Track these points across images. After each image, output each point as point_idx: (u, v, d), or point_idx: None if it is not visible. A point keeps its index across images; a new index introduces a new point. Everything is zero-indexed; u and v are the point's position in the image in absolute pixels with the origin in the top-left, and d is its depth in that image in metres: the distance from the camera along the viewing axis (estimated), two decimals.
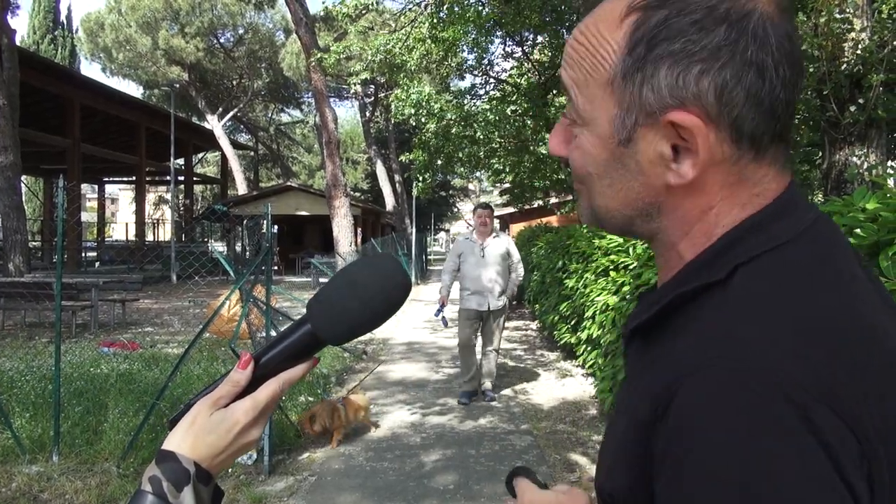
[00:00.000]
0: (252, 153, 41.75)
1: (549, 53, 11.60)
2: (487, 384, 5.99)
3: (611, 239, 5.61)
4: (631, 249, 4.95)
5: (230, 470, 3.97)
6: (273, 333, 4.75)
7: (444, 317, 6.26)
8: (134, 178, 26.71)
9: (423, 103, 10.23)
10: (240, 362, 0.67)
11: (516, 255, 6.01)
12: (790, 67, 0.52)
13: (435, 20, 9.65)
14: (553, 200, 15.21)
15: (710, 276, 0.52)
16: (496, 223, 5.82)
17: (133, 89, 48.00)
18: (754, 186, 0.55)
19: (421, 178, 11.99)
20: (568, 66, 0.59)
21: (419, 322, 11.41)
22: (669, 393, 0.47)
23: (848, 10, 4.95)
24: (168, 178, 25.16)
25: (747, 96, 0.51)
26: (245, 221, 22.66)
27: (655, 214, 0.57)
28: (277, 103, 38.70)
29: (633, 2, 0.53)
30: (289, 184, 27.19)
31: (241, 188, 30.93)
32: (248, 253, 22.32)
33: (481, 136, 10.82)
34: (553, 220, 17.15)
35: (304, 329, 0.67)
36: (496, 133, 10.79)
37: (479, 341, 6.03)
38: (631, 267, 4.81)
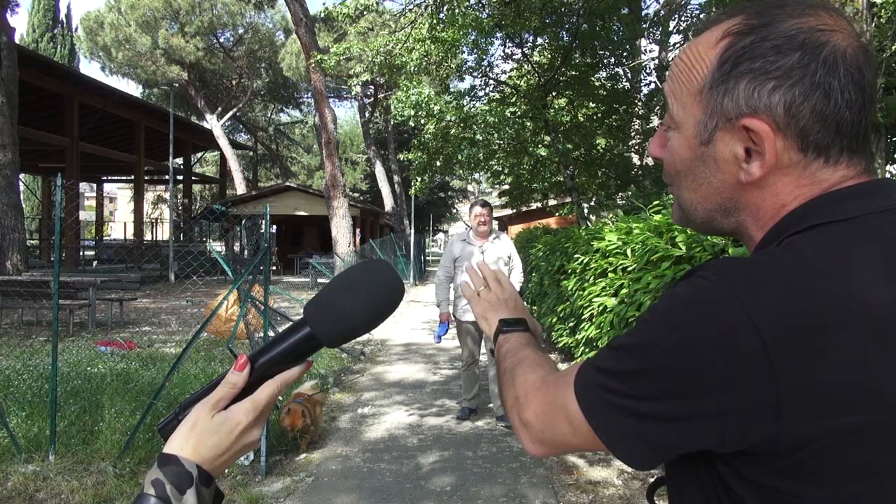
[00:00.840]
0: (251, 153, 41.71)
1: (549, 56, 11.60)
2: (500, 409, 5.22)
3: (609, 241, 5.58)
4: (629, 252, 4.94)
5: (227, 470, 3.96)
6: (271, 334, 4.75)
7: (446, 331, 5.45)
8: (132, 177, 26.68)
9: (423, 104, 10.23)
10: (236, 364, 0.68)
11: (518, 260, 5.50)
12: (857, 92, 0.61)
13: (434, 21, 9.64)
14: (552, 202, 15.22)
15: (766, 246, 0.63)
16: (494, 224, 5.41)
17: (132, 88, 47.99)
18: (829, 188, 0.63)
19: (419, 179, 11.98)
20: (670, 79, 0.71)
21: (417, 323, 11.41)
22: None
23: (847, 15, 4.96)
24: (167, 177, 25.15)
25: (812, 112, 0.60)
26: (243, 221, 22.66)
27: (733, 210, 0.68)
28: (277, 103, 38.66)
29: (729, 29, 0.65)
30: (288, 184, 27.15)
31: (240, 188, 30.89)
32: (246, 253, 22.30)
33: (480, 138, 10.80)
34: (552, 222, 17.16)
35: (304, 332, 0.68)
36: (495, 135, 10.78)
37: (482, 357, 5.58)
38: (629, 269, 4.80)
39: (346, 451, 4.54)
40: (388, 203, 30.34)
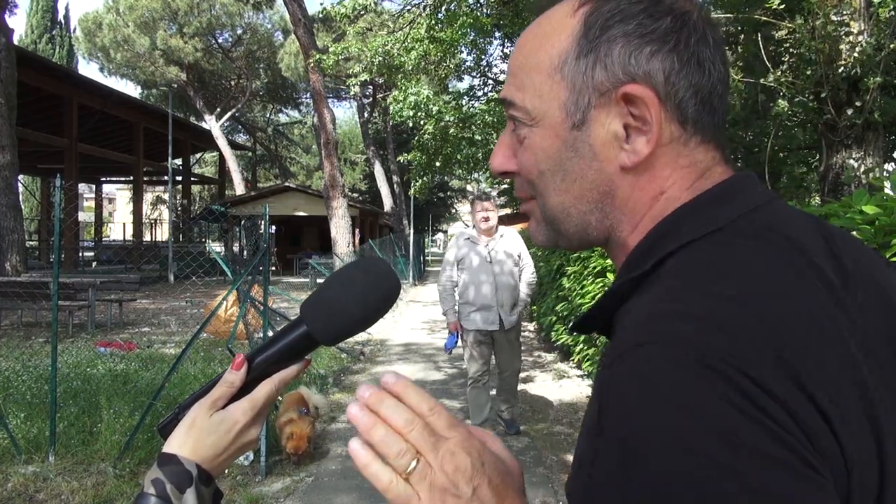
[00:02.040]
0: (250, 153, 41.71)
1: None
2: (509, 412, 4.85)
3: None
4: None
5: (227, 470, 3.96)
6: (270, 334, 4.75)
7: (455, 342, 4.86)
8: (131, 177, 26.70)
9: (422, 105, 10.23)
10: (233, 363, 0.68)
11: (528, 258, 4.83)
12: (723, 68, 0.55)
13: (433, 21, 9.65)
14: None
15: (642, 267, 0.53)
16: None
17: (131, 89, 48.02)
18: (703, 172, 0.55)
19: (419, 181, 11.99)
20: (514, 72, 0.60)
21: (416, 323, 11.41)
22: (600, 392, 0.47)
23: (845, 13, 4.97)
24: (166, 177, 25.14)
25: (690, 83, 0.53)
26: (243, 222, 22.64)
27: (609, 208, 0.57)
28: (276, 104, 38.66)
29: None
30: (287, 184, 27.17)
31: (239, 188, 30.88)
32: (245, 253, 22.30)
33: (479, 138, 10.82)
34: None
35: (301, 330, 0.68)
36: (494, 134, 10.78)
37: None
38: None
39: (345, 452, 4.53)
40: (388, 203, 30.36)
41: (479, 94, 12.59)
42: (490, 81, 12.55)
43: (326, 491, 3.84)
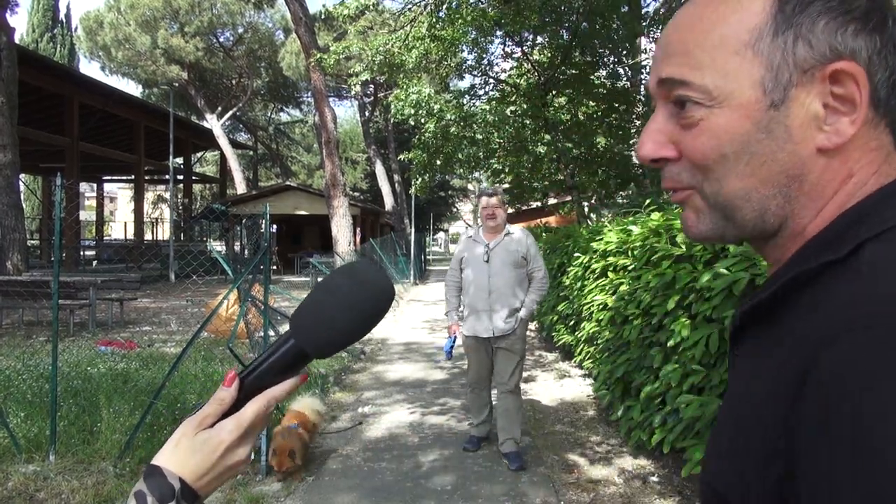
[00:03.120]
0: (251, 152, 41.73)
1: (549, 54, 11.60)
2: (508, 444, 4.23)
3: (608, 241, 5.58)
4: (629, 251, 4.95)
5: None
6: (271, 333, 4.75)
7: (450, 349, 4.58)
8: (132, 176, 26.70)
9: (423, 104, 10.23)
10: (225, 380, 0.66)
11: (538, 260, 4.36)
12: None
13: (434, 19, 9.64)
14: (552, 201, 15.22)
15: (835, 253, 0.49)
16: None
17: (132, 88, 47.98)
18: (887, 156, 0.53)
19: (420, 179, 11.99)
20: (678, 61, 0.56)
21: (417, 322, 11.41)
22: (802, 373, 0.43)
23: None
24: (167, 176, 25.16)
25: (888, 65, 0.51)
26: (244, 221, 22.64)
27: (795, 192, 0.54)
28: (277, 103, 38.67)
29: None
30: (288, 183, 27.15)
31: (240, 187, 30.90)
32: (246, 252, 22.30)
33: (480, 137, 10.82)
34: (552, 221, 17.17)
35: (289, 344, 0.66)
36: (495, 133, 10.79)
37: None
38: (630, 267, 4.80)
39: (346, 451, 4.54)
40: (389, 202, 30.35)
41: (481, 92, 12.57)
42: (491, 80, 12.54)
43: (327, 490, 3.84)
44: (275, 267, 21.76)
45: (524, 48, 11.51)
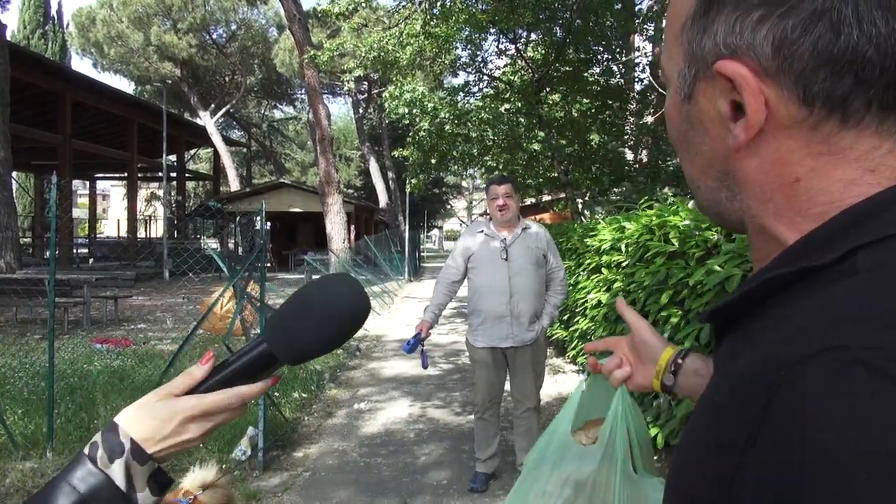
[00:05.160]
0: (245, 150, 41.59)
1: (543, 51, 11.63)
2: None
3: (602, 238, 5.62)
4: (623, 247, 4.98)
5: (223, 465, 3.98)
6: None
7: (422, 350, 3.71)
8: (126, 174, 26.55)
9: (417, 102, 10.24)
10: (202, 359, 0.69)
11: (557, 260, 3.85)
12: (888, 20, 0.41)
13: (428, 17, 9.65)
14: (546, 198, 15.27)
15: (820, 258, 0.43)
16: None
17: (125, 85, 47.78)
18: (861, 160, 0.44)
19: (415, 178, 12.01)
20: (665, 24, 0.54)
21: (412, 319, 11.43)
22: (766, 392, 0.37)
23: None
24: (160, 174, 25.05)
25: (814, 50, 0.42)
26: (238, 218, 22.59)
27: (734, 187, 0.50)
28: (270, 100, 38.57)
29: None
30: (282, 180, 27.11)
31: (234, 185, 30.83)
32: (241, 250, 22.26)
33: (475, 134, 10.83)
34: (546, 218, 17.22)
35: (261, 348, 0.68)
36: (489, 131, 10.81)
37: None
38: (624, 264, 4.84)
39: (342, 447, 4.57)
40: (383, 199, 30.36)
41: (475, 90, 12.59)
42: (485, 78, 12.56)
43: (324, 485, 3.87)
44: (269, 264, 21.71)
45: (518, 45, 11.53)
